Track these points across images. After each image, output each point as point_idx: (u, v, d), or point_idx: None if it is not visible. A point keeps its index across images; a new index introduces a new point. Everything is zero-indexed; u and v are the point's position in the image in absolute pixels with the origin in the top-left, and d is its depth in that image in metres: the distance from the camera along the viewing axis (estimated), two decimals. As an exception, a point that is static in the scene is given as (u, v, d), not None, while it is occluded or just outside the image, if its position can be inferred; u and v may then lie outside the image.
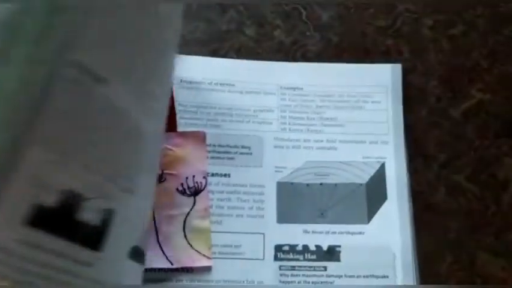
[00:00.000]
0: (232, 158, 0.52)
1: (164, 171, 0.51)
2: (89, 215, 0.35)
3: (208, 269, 0.49)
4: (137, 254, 0.39)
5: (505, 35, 0.59)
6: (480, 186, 0.53)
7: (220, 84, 0.54)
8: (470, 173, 0.54)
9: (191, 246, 0.49)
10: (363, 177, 0.52)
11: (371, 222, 0.51)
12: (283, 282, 0.49)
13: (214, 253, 0.49)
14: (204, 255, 0.49)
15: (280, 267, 0.49)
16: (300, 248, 0.50)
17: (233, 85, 0.54)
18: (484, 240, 0.52)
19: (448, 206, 0.53)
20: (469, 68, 0.58)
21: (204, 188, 0.51)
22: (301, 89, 0.55)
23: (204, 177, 0.51)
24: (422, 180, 0.53)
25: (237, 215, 0.50)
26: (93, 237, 0.35)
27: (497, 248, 0.51)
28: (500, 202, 0.53)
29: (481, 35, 0.59)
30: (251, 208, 0.51)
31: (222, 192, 0.51)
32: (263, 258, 0.50)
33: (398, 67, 0.56)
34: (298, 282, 0.49)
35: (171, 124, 0.52)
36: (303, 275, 0.49)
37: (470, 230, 0.52)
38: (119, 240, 0.37)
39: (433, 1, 0.60)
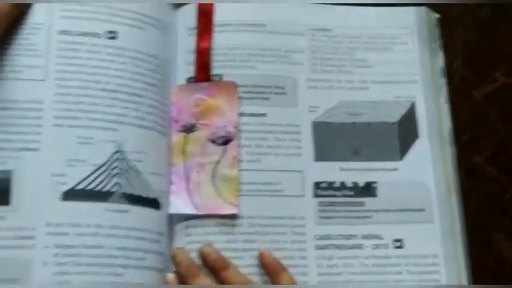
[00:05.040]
0: (267, 98, 0.52)
1: (197, 121, 0.51)
2: None
3: (233, 216, 0.49)
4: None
5: None
6: (499, 169, 0.54)
7: (251, 25, 0.54)
8: (490, 156, 0.55)
9: (219, 194, 0.50)
10: (395, 116, 0.53)
11: (404, 159, 0.52)
12: (322, 217, 0.50)
13: (254, 191, 0.50)
14: (231, 203, 0.49)
15: (319, 204, 0.50)
16: (337, 184, 0.51)
17: (264, 25, 0.54)
18: (501, 222, 0.53)
19: (466, 186, 0.53)
20: (494, 51, 0.58)
21: (234, 137, 0.51)
22: (331, 30, 0.55)
23: (235, 127, 0.51)
24: None
25: (275, 154, 0.51)
26: None
27: (512, 231, 0.53)
28: None
29: (508, 18, 0.59)
30: (288, 147, 0.51)
31: (258, 131, 0.51)
32: (303, 195, 0.50)
33: (422, 10, 0.57)
34: (338, 218, 0.50)
35: (205, 74, 0.52)
36: (342, 211, 0.50)
37: (487, 211, 0.53)
38: (27, 192, 0.45)
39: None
